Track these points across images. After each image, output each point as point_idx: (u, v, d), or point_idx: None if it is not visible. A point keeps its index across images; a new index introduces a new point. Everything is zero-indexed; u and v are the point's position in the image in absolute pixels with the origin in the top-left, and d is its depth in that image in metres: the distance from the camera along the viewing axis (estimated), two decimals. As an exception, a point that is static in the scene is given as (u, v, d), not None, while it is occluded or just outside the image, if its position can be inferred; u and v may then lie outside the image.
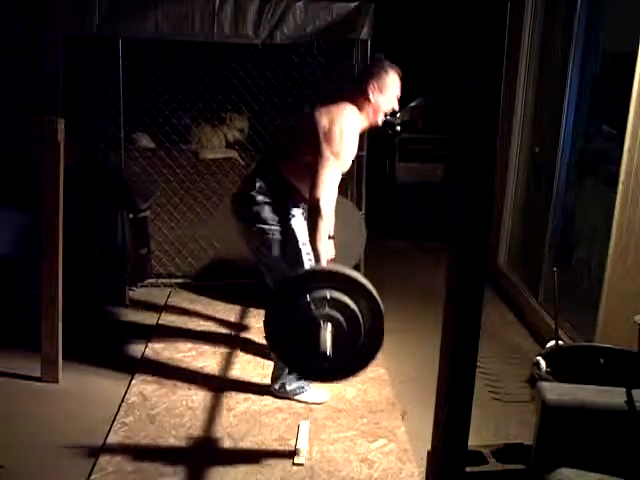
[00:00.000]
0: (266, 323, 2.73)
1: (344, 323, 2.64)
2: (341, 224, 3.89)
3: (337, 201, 3.45)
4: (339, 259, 3.86)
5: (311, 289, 2.66)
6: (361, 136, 4.84)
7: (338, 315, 2.64)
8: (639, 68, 3.06)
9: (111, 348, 3.85)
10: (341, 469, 2.80)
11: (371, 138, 4.69)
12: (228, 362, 3.69)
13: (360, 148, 4.88)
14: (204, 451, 2.91)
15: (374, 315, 2.68)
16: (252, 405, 3.26)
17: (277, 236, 3.07)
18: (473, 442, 1.94)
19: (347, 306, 2.64)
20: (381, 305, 2.68)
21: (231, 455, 2.88)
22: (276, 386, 3.27)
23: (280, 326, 2.70)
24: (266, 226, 3.06)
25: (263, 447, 2.95)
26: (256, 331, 4.00)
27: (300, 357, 2.75)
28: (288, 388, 3.24)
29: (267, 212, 3.05)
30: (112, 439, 2.96)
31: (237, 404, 3.27)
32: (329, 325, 2.62)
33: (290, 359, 2.82)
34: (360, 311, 2.65)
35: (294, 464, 2.82)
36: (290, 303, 2.67)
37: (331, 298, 2.63)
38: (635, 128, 3.11)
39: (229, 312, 4.31)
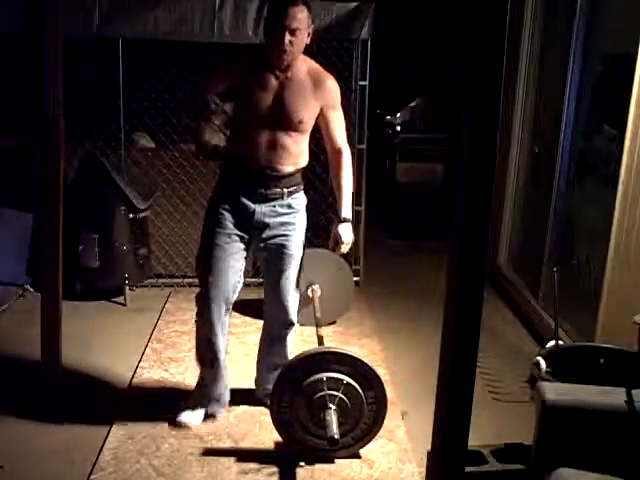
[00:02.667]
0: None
1: (350, 407, 2.75)
2: (330, 277, 3.96)
3: (326, 255, 3.60)
4: (328, 310, 3.92)
5: (328, 369, 2.76)
6: (360, 130, 4.88)
7: (346, 399, 2.74)
8: (639, 68, 3.06)
9: (111, 348, 3.85)
10: (341, 469, 2.80)
11: (371, 138, 4.69)
12: (228, 362, 3.68)
13: (360, 141, 4.93)
14: (204, 451, 2.90)
15: (379, 404, 2.81)
16: (252, 405, 3.25)
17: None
18: (473, 442, 1.94)
19: (358, 394, 2.75)
20: (387, 396, 2.84)
21: (231, 455, 2.87)
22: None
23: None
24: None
25: (263, 447, 2.95)
26: (255, 330, 4.00)
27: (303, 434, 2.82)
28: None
29: None
30: (112, 439, 2.96)
31: (237, 404, 3.27)
32: (333, 407, 2.73)
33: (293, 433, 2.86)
34: (366, 399, 2.78)
35: (297, 465, 2.82)
36: (304, 377, 2.76)
37: (347, 382, 2.73)
38: (635, 128, 3.11)
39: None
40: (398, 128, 6.83)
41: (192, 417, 3.03)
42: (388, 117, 7.36)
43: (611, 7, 3.89)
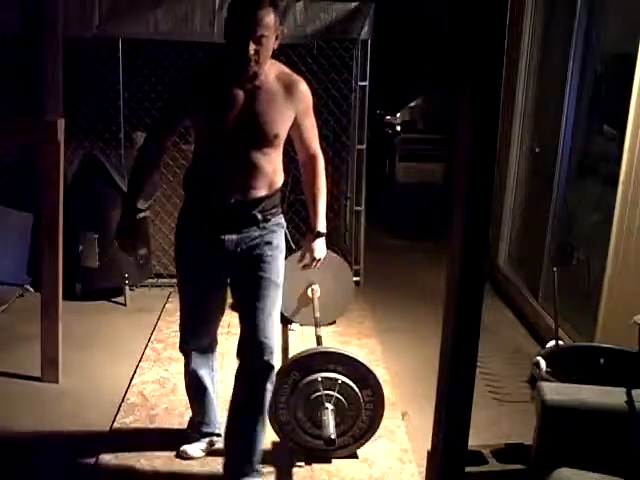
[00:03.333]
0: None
1: (346, 406, 2.75)
2: (330, 277, 3.96)
3: (326, 255, 3.44)
4: (328, 310, 3.93)
5: (323, 369, 2.75)
6: (360, 130, 4.88)
7: (342, 399, 2.74)
8: (639, 68, 3.06)
9: (111, 348, 3.85)
10: (341, 469, 2.80)
11: (371, 138, 4.69)
12: (228, 362, 3.68)
13: (360, 142, 4.93)
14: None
15: (376, 403, 2.80)
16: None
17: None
18: (473, 442, 1.94)
19: (354, 393, 2.74)
20: (384, 395, 2.81)
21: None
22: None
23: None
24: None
25: (263, 447, 2.94)
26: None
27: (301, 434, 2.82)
28: None
29: None
30: (112, 439, 2.96)
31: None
32: (330, 407, 2.72)
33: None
34: (363, 398, 2.77)
35: (294, 464, 2.81)
36: (300, 378, 2.74)
37: (342, 382, 2.72)
38: (635, 128, 3.11)
39: (228, 311, 4.31)
40: (398, 128, 6.84)
41: (192, 450, 2.82)
42: (388, 117, 7.36)
43: (611, 7, 3.89)
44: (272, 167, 2.46)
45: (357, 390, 2.75)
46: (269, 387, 2.49)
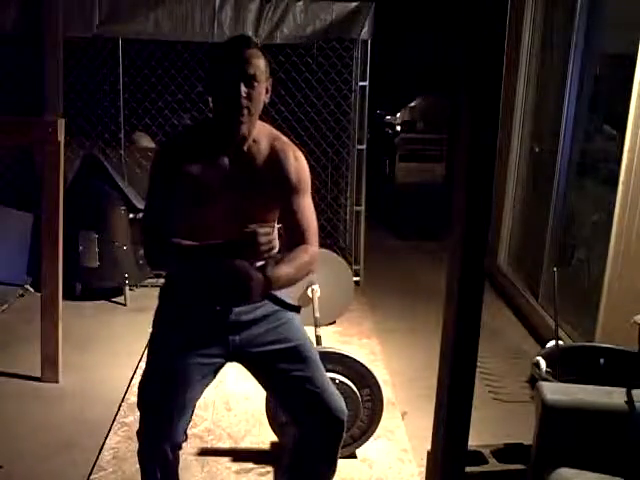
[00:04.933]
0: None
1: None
2: (330, 277, 3.96)
3: (326, 255, 3.32)
4: (328, 311, 3.93)
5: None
6: (360, 130, 4.89)
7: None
8: (639, 68, 3.06)
9: (111, 348, 3.85)
10: (341, 469, 2.80)
11: (371, 138, 4.69)
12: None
13: (360, 142, 4.93)
14: (204, 451, 2.90)
15: (374, 403, 2.79)
16: (252, 405, 3.25)
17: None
18: (473, 442, 1.94)
19: (352, 392, 2.72)
20: (383, 395, 2.79)
21: (231, 455, 2.87)
22: None
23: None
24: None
25: (263, 447, 2.95)
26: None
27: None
28: None
29: None
30: (112, 439, 2.95)
31: (237, 404, 3.27)
32: None
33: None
34: (361, 397, 2.75)
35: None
36: None
37: (340, 382, 2.69)
38: (635, 128, 3.11)
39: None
40: (398, 128, 6.84)
41: None
42: (388, 117, 7.36)
43: (611, 7, 3.89)
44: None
45: (356, 390, 2.75)
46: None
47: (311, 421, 2.09)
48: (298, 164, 2.05)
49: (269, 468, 2.77)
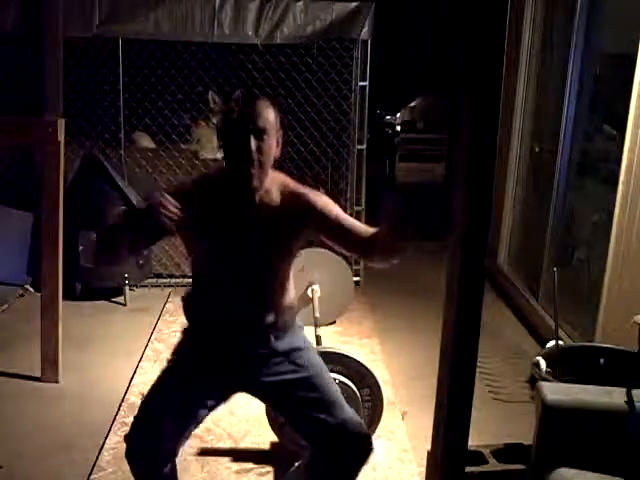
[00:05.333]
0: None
1: None
2: (330, 277, 3.96)
3: (326, 255, 3.31)
4: (328, 310, 3.92)
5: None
6: (360, 130, 4.88)
7: None
8: (639, 68, 3.06)
9: (111, 348, 3.85)
10: (341, 469, 2.80)
11: (371, 138, 4.69)
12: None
13: (360, 142, 4.93)
14: (204, 451, 2.90)
15: (374, 402, 2.80)
16: (252, 405, 3.25)
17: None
18: (473, 442, 1.94)
19: (352, 392, 2.72)
20: (383, 394, 2.80)
21: (231, 455, 2.87)
22: None
23: None
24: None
25: (263, 447, 2.95)
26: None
27: None
28: None
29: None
30: (112, 439, 2.96)
31: (237, 404, 3.27)
32: None
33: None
34: (361, 397, 2.75)
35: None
36: None
37: (340, 382, 2.69)
38: (635, 128, 3.11)
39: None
40: (398, 128, 6.84)
41: None
42: (388, 117, 7.36)
43: (611, 7, 3.89)
44: (283, 290, 2.12)
45: (356, 390, 2.75)
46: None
47: (330, 449, 2.09)
48: (313, 193, 2.08)
49: (269, 468, 2.77)
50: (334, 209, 2.07)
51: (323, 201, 2.07)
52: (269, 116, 1.96)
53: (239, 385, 2.16)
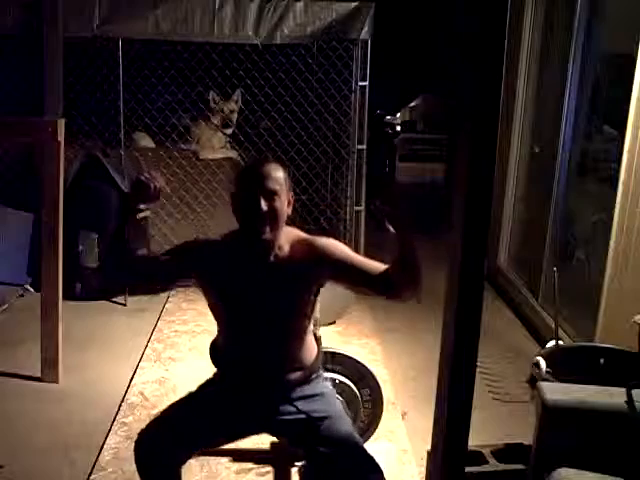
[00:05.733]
0: None
1: (345, 406, 2.68)
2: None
3: None
4: (328, 311, 3.90)
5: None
6: (360, 130, 4.87)
7: (341, 399, 2.68)
8: (639, 68, 3.06)
9: (111, 348, 3.85)
10: (341, 469, 2.80)
11: (371, 138, 4.68)
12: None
13: (360, 142, 4.93)
14: (204, 451, 2.90)
15: (374, 402, 2.78)
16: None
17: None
18: (473, 442, 1.93)
19: (352, 392, 2.72)
20: (383, 394, 2.79)
21: (231, 455, 2.87)
22: None
23: None
24: None
25: (263, 447, 2.94)
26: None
27: None
28: None
29: None
30: (112, 439, 2.96)
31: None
32: None
33: None
34: (361, 397, 2.75)
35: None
36: None
37: (340, 382, 2.70)
38: (635, 128, 3.11)
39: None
40: (398, 128, 6.83)
41: None
42: (388, 117, 7.36)
43: (611, 7, 3.89)
44: (305, 343, 2.17)
45: (356, 390, 2.75)
46: None
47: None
48: (324, 241, 2.10)
49: (269, 468, 2.77)
50: (346, 253, 2.11)
51: (335, 247, 2.11)
52: (279, 177, 2.04)
53: (254, 421, 2.19)
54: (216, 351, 2.28)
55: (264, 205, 1.99)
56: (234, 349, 2.20)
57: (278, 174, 2.04)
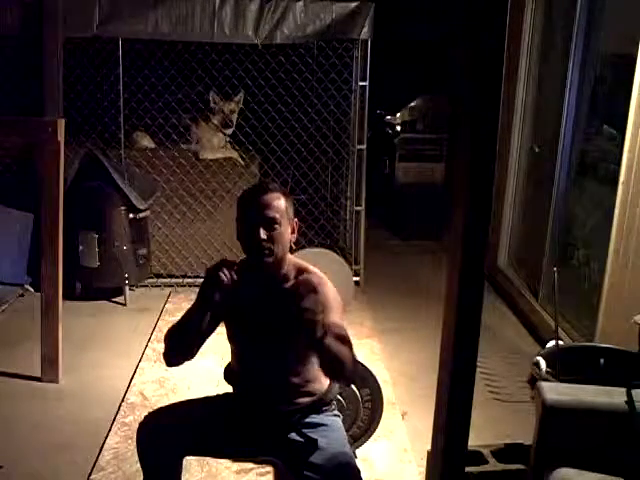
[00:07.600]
0: None
1: (345, 406, 2.70)
2: (330, 277, 3.92)
3: (326, 255, 3.26)
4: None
5: None
6: (360, 130, 4.87)
7: (341, 399, 2.68)
8: (639, 68, 3.06)
9: (111, 348, 3.85)
10: (341, 469, 2.80)
11: (371, 138, 4.68)
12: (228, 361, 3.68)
13: (360, 142, 4.93)
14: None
15: (375, 402, 2.78)
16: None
17: None
18: (473, 442, 1.94)
19: (352, 392, 2.71)
20: (383, 394, 2.78)
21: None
22: None
23: None
24: None
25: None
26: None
27: None
28: None
29: None
30: (112, 439, 2.96)
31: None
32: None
33: None
34: (361, 397, 2.74)
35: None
36: None
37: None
38: (635, 128, 3.11)
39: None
40: (398, 128, 6.82)
41: None
42: (388, 117, 7.36)
43: (611, 7, 3.89)
44: (312, 372, 2.16)
45: (356, 390, 2.75)
46: None
47: None
48: (321, 290, 2.06)
49: (269, 468, 2.77)
50: (329, 305, 2.11)
51: (329, 306, 2.10)
52: (279, 205, 2.05)
53: (257, 442, 2.21)
54: (231, 374, 2.33)
55: (263, 234, 2.02)
56: (245, 372, 2.25)
57: (278, 202, 2.05)
